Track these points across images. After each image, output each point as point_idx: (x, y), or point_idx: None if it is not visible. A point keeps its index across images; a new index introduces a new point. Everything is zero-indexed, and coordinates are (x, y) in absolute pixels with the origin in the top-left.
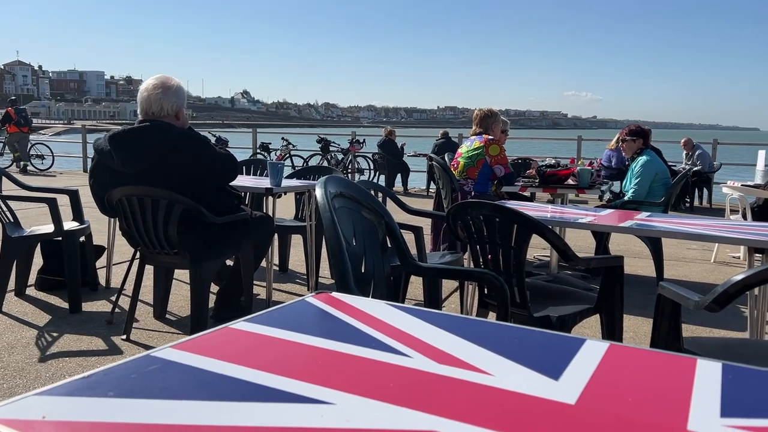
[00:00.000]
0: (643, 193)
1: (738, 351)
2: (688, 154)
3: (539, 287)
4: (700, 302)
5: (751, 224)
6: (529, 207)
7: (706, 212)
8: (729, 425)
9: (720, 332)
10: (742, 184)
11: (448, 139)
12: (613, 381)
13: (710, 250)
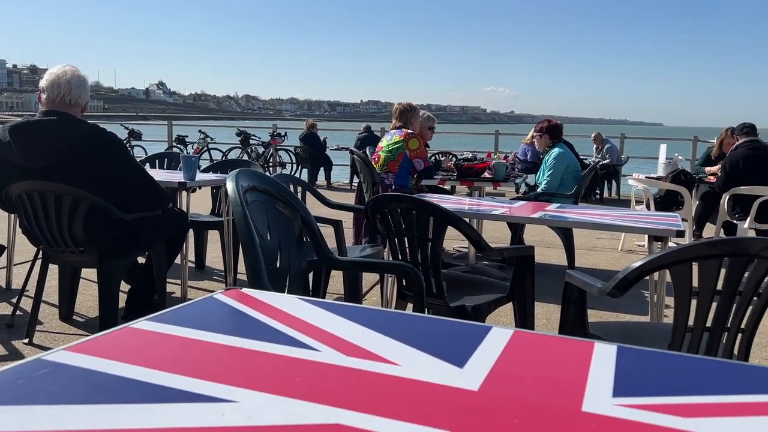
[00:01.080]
0: (555, 185)
1: (638, 334)
2: (598, 147)
3: (456, 278)
4: (602, 288)
5: (654, 214)
6: (447, 200)
7: (614, 203)
8: (619, 404)
9: (625, 316)
10: (645, 177)
11: (371, 133)
12: (515, 366)
13: (618, 239)
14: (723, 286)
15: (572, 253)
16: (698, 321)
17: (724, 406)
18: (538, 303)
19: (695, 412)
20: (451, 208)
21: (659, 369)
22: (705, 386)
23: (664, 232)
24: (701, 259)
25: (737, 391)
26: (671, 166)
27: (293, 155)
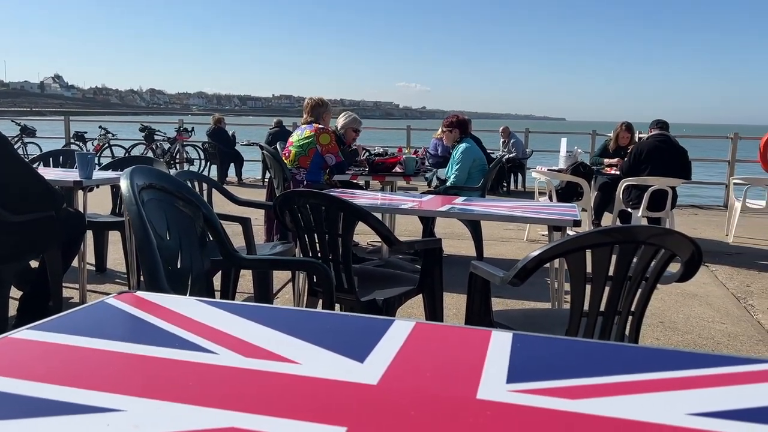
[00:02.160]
0: (463, 179)
1: (540, 320)
2: (505, 141)
3: (367, 272)
4: (504, 278)
5: (554, 205)
6: (359, 195)
7: (520, 195)
8: (513, 390)
9: (531, 304)
10: (548, 169)
11: (282, 128)
12: (415, 358)
13: (523, 229)
14: (614, 271)
15: (480, 244)
16: (593, 306)
17: (610, 386)
18: (449, 294)
19: (583, 394)
20: (363, 203)
21: (551, 354)
22: (593, 368)
23: (563, 222)
24: (594, 247)
25: (624, 371)
26: (571, 159)
27: (201, 151)
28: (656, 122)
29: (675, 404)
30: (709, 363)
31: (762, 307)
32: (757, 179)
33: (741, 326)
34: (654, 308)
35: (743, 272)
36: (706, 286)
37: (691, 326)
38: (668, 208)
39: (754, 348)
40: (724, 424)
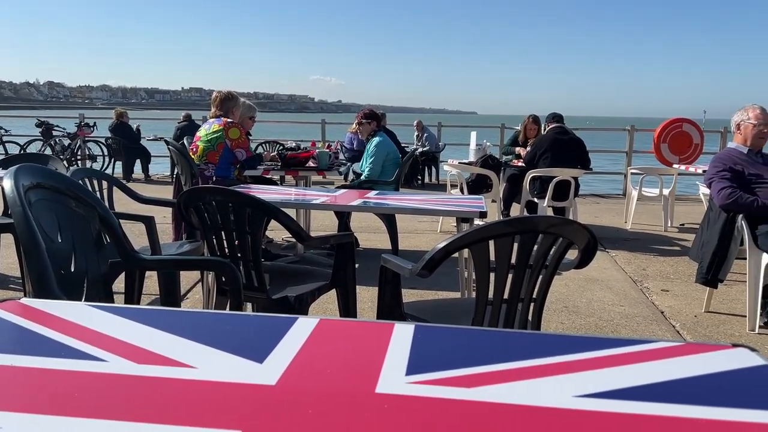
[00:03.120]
0: (377, 173)
1: (449, 310)
2: (419, 135)
3: (279, 269)
4: (413, 270)
5: (463, 198)
6: (272, 191)
7: (434, 188)
8: (412, 381)
9: (443, 294)
10: (459, 162)
11: (191, 122)
12: (316, 356)
13: (437, 221)
14: (516, 260)
15: (396, 237)
16: (497, 294)
17: (505, 373)
18: (366, 287)
19: (478, 382)
20: (275, 198)
21: (451, 344)
22: (490, 356)
23: (470, 213)
24: (497, 237)
25: (518, 358)
26: (481, 152)
27: (104, 147)
28: (552, 116)
29: (564, 387)
30: (598, 346)
31: (656, 289)
32: (652, 169)
33: (638, 308)
34: (559, 294)
35: (640, 257)
36: (606, 270)
37: (593, 309)
38: (571, 197)
39: (649, 328)
40: (608, 404)
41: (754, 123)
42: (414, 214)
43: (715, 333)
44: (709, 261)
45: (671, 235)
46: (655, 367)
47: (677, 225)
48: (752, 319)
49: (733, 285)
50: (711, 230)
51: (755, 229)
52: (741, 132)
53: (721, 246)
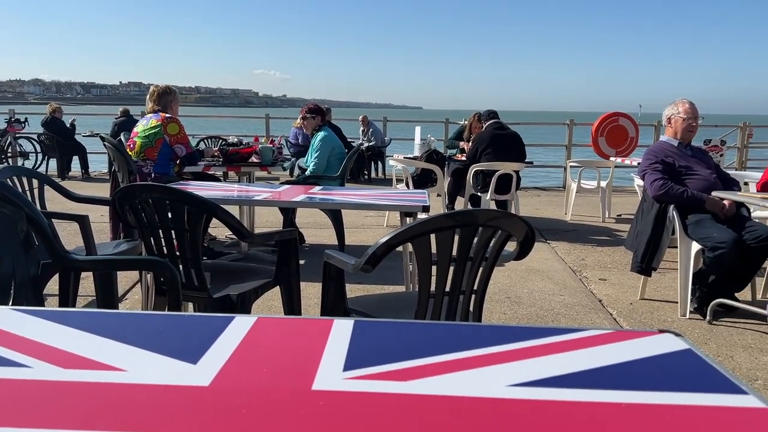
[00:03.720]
0: (322, 168)
1: (393, 304)
2: (364, 130)
3: (221, 267)
4: (356, 265)
5: (407, 192)
6: (214, 187)
7: (380, 182)
8: (349, 377)
9: (390, 287)
10: (404, 157)
11: (129, 117)
12: (252, 355)
13: (384, 216)
14: (457, 253)
15: (342, 232)
16: (438, 286)
17: (441, 365)
18: (312, 283)
19: (415, 375)
20: (216, 195)
21: (390, 338)
22: (428, 349)
23: (413, 208)
24: (438, 231)
25: (455, 349)
26: (425, 146)
27: (37, 144)
28: (488, 113)
29: (499, 377)
30: (533, 335)
31: (594, 279)
32: (590, 161)
33: (577, 297)
34: (501, 284)
35: (579, 247)
36: (547, 261)
37: (534, 299)
38: (513, 190)
39: (588, 316)
40: (540, 392)
41: (684, 117)
42: (358, 209)
43: (650, 319)
44: (643, 250)
45: (609, 226)
46: (587, 355)
47: (614, 216)
48: (683, 305)
49: (666, 273)
50: (644, 220)
51: (685, 219)
52: (672, 125)
53: (654, 235)
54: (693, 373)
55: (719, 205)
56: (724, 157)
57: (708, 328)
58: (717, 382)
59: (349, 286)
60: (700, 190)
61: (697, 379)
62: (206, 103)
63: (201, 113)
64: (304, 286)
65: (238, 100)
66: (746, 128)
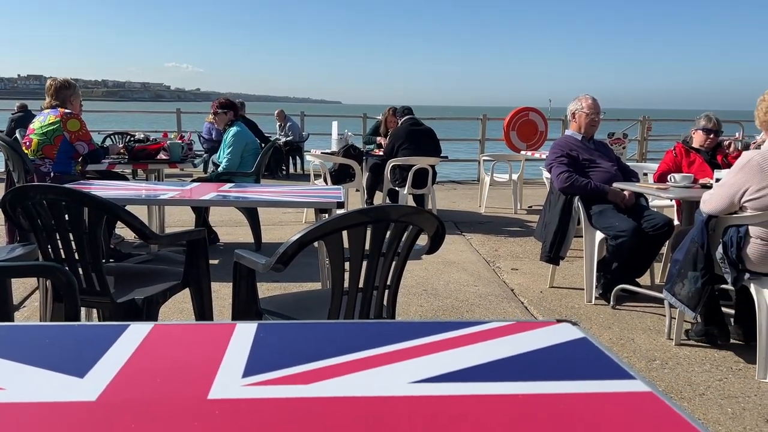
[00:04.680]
0: (236, 164)
1: (308, 303)
2: (281, 125)
3: (126, 270)
4: (267, 264)
5: (322, 188)
6: (119, 186)
7: (299, 178)
8: (248, 384)
9: (308, 285)
10: (321, 152)
11: (28, 113)
12: (146, 365)
13: (302, 212)
14: (370, 249)
15: (258, 230)
16: (352, 283)
17: (343, 366)
18: (227, 284)
19: (317, 377)
20: (121, 194)
21: (294, 340)
22: (331, 349)
23: (327, 204)
24: (350, 228)
25: (359, 349)
26: (343, 141)
27: None
28: (404, 109)
29: (400, 375)
30: (436, 330)
31: (506, 269)
32: (502, 155)
33: (490, 287)
34: (419, 277)
35: (493, 238)
36: (462, 253)
37: (450, 291)
38: (429, 185)
39: (500, 305)
40: (441, 387)
41: (587, 112)
42: (271, 207)
43: (558, 306)
44: (551, 240)
45: (520, 217)
46: (488, 347)
47: (526, 207)
48: (589, 292)
49: (573, 261)
50: (552, 212)
51: (589, 209)
52: (576, 120)
53: (561, 226)
54: (587, 361)
55: (620, 195)
56: (626, 149)
57: (612, 312)
58: (608, 368)
59: (265, 285)
60: (603, 181)
61: (590, 366)
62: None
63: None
64: (218, 287)
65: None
66: (646, 122)
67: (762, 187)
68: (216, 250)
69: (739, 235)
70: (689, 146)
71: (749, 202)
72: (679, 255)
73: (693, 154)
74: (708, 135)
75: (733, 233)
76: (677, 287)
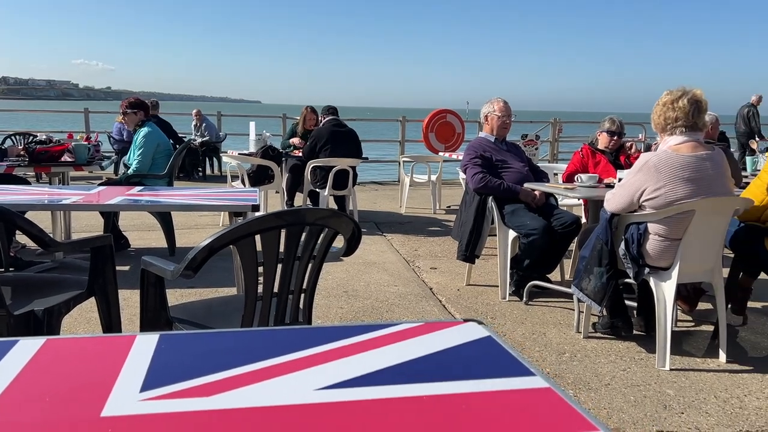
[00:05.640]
0: (147, 166)
1: (222, 309)
2: (197, 125)
3: (26, 279)
4: (175, 271)
5: (236, 191)
6: (17, 191)
7: (216, 179)
8: (146, 398)
9: (225, 290)
10: (238, 153)
11: None
12: (36, 383)
13: (219, 215)
14: (284, 253)
15: (172, 235)
16: (266, 288)
17: (248, 375)
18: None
19: (219, 389)
20: (23, 200)
21: (198, 350)
22: (236, 359)
23: (241, 207)
24: (264, 232)
25: (264, 357)
26: (260, 142)
27: None
28: (328, 109)
29: (306, 382)
30: (345, 334)
31: (426, 268)
32: (421, 157)
33: (410, 287)
34: (339, 279)
35: (413, 238)
36: (383, 254)
37: (371, 292)
38: (350, 186)
39: (420, 304)
40: (347, 392)
41: (498, 114)
42: (181, 210)
43: (474, 304)
44: (467, 239)
45: (439, 217)
46: (395, 350)
47: (444, 207)
48: (503, 289)
49: (489, 259)
50: (467, 211)
51: (502, 209)
52: (488, 122)
53: (476, 225)
54: (491, 359)
55: (531, 195)
56: (539, 150)
57: (525, 308)
58: (511, 366)
59: (179, 291)
60: (515, 182)
61: (493, 365)
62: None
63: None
64: (129, 294)
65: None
66: (557, 124)
67: (658, 187)
68: (127, 255)
69: (639, 232)
70: (595, 147)
71: (647, 201)
72: (586, 252)
73: (598, 155)
74: (612, 137)
75: (633, 230)
76: (584, 282)
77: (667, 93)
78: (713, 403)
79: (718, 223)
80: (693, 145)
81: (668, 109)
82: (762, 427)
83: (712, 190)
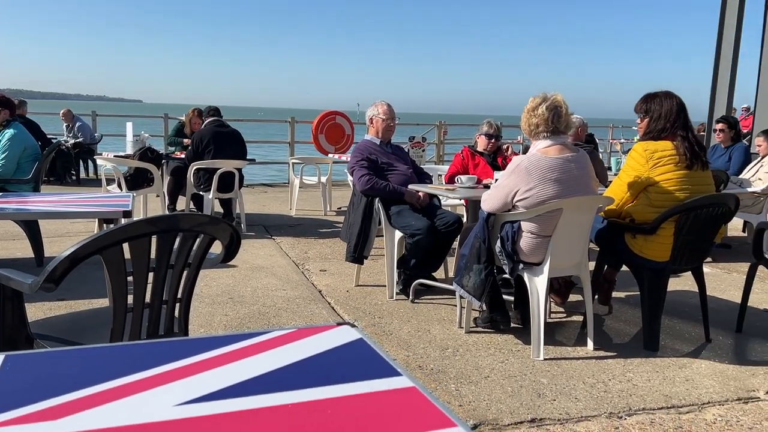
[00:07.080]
0: (11, 170)
1: (90, 322)
2: (69, 126)
3: None
4: (34, 284)
5: (110, 196)
6: None
7: (92, 183)
8: None
9: (98, 302)
10: (114, 155)
11: None
12: None
13: (94, 221)
14: (156, 261)
15: (39, 244)
16: (137, 298)
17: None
18: None
19: (69, 410)
20: None
21: (48, 371)
22: (89, 378)
23: (112, 214)
24: (133, 239)
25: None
26: (139, 143)
27: None
28: (209, 110)
29: (165, 397)
30: (212, 345)
31: (315, 270)
32: (310, 158)
33: (299, 290)
34: (225, 285)
35: (303, 241)
36: (272, 257)
37: (258, 297)
38: (236, 188)
39: (308, 307)
40: (209, 406)
41: (383, 117)
42: (46, 218)
43: (363, 304)
44: (355, 241)
45: (330, 219)
46: (266, 358)
47: (335, 209)
48: (390, 288)
49: (377, 260)
50: (355, 213)
51: (389, 210)
52: (374, 125)
53: (364, 226)
54: (361, 361)
55: (415, 196)
56: (425, 152)
57: (411, 306)
58: (380, 367)
59: (48, 304)
60: (400, 183)
61: (364, 367)
62: None
63: None
64: None
65: None
66: (442, 126)
67: (530, 188)
68: None
69: (513, 230)
70: (474, 150)
71: (520, 201)
72: (465, 250)
73: (478, 156)
74: (490, 139)
75: (508, 228)
76: (465, 279)
77: (531, 100)
78: (581, 388)
79: (583, 220)
80: (559, 147)
81: (531, 116)
82: (623, 408)
83: (578, 190)
